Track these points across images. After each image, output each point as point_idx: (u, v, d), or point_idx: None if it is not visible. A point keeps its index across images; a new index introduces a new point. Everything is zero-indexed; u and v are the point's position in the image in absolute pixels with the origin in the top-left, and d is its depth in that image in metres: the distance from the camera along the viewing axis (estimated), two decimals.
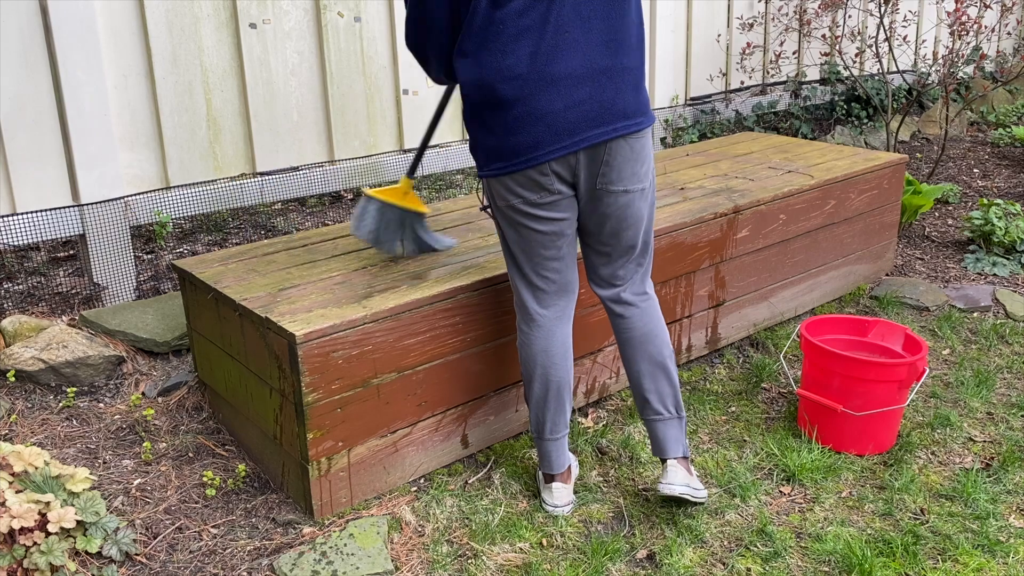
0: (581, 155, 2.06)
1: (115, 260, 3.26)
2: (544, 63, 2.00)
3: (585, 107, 2.02)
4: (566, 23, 2.00)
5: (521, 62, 2.00)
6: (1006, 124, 6.47)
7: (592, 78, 2.02)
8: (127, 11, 3.15)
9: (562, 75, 2.00)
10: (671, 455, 2.32)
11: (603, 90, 2.03)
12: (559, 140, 2.03)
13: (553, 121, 2.02)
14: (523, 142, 2.04)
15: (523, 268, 2.25)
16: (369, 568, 2.12)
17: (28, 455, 2.14)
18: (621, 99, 2.05)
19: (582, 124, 2.03)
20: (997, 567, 2.16)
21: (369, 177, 3.92)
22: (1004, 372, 3.13)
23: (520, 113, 2.03)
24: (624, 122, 2.05)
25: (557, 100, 2.01)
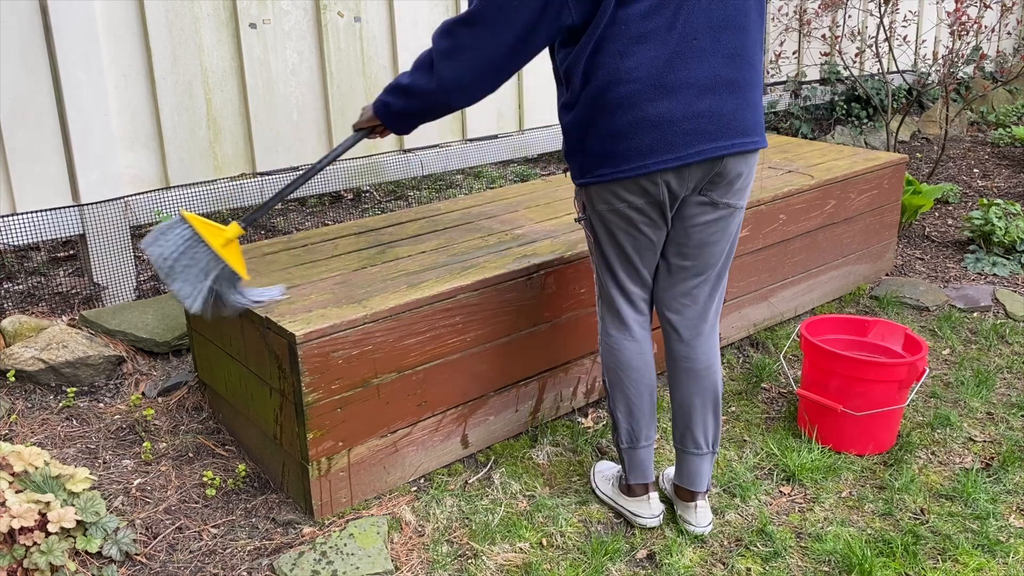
0: (695, 167, 1.99)
1: (115, 260, 3.26)
2: (666, 69, 1.91)
3: (705, 120, 1.94)
4: (695, 30, 1.91)
5: (641, 66, 1.91)
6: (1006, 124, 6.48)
7: (715, 90, 1.94)
8: (127, 11, 3.15)
9: (684, 84, 1.92)
10: (700, 489, 2.30)
11: (724, 103, 1.95)
12: (674, 151, 1.95)
13: (669, 130, 1.93)
14: (635, 149, 1.95)
15: (618, 275, 2.18)
16: (369, 568, 2.12)
17: (28, 455, 2.14)
18: (741, 115, 1.98)
19: (701, 137, 1.95)
20: (997, 567, 2.16)
21: (369, 177, 3.92)
22: (1004, 372, 3.13)
23: (634, 119, 1.94)
24: (743, 139, 1.99)
25: (676, 109, 1.92)
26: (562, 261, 2.63)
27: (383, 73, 3.86)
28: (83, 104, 3.07)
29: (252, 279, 2.52)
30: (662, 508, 2.33)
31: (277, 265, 2.63)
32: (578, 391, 2.83)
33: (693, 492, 2.30)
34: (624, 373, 2.25)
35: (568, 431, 2.74)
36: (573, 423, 2.80)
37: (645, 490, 2.32)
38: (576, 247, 2.69)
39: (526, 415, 2.72)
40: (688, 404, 2.26)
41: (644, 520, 2.30)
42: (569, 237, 2.79)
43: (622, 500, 2.36)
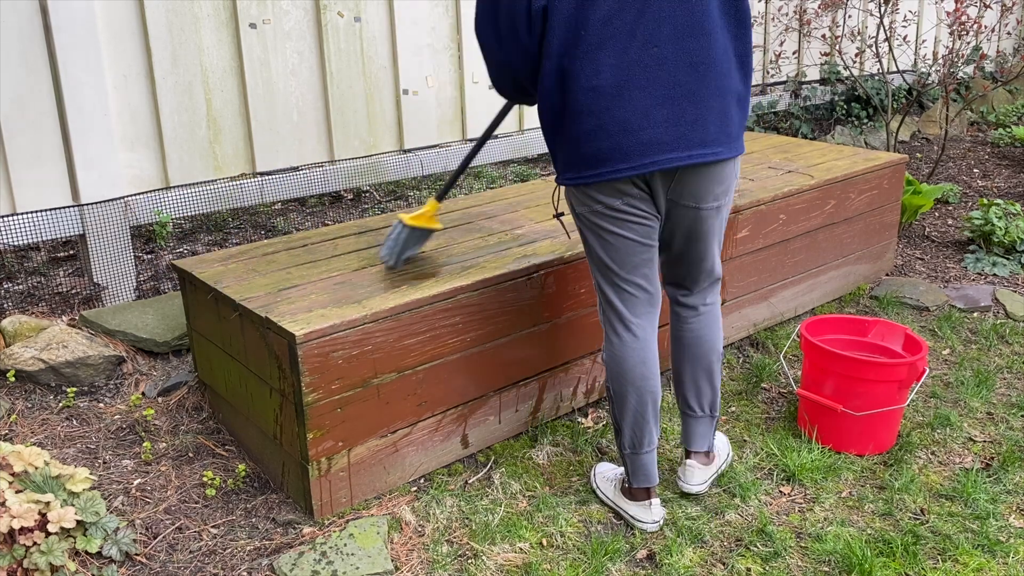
0: (656, 175, 2.01)
1: (115, 260, 3.26)
2: (625, 76, 1.90)
3: (661, 129, 1.93)
4: (656, 37, 1.89)
5: (601, 72, 1.91)
6: (1006, 124, 6.48)
7: (674, 99, 1.92)
8: (127, 11, 3.15)
9: (642, 92, 1.91)
10: (694, 448, 2.42)
11: (684, 113, 1.93)
12: (630, 160, 1.95)
13: (626, 139, 1.93)
14: (597, 155, 1.97)
15: (614, 276, 2.17)
16: (369, 568, 2.12)
17: (28, 455, 2.14)
18: (703, 124, 1.95)
19: (655, 147, 1.94)
20: (997, 567, 2.16)
21: (369, 177, 3.92)
22: (1004, 372, 3.13)
23: (595, 125, 1.94)
24: (701, 150, 1.96)
25: (633, 118, 1.92)
26: (562, 261, 2.63)
27: (383, 73, 3.86)
28: (83, 104, 3.06)
29: (252, 279, 2.52)
30: (663, 513, 2.33)
31: (277, 265, 2.63)
32: (578, 391, 2.83)
33: (688, 450, 2.42)
34: (627, 382, 2.24)
35: (568, 431, 2.74)
36: (573, 423, 2.80)
37: (647, 495, 2.32)
38: (576, 247, 2.69)
39: (526, 415, 2.72)
40: (680, 370, 2.38)
41: (644, 525, 2.31)
42: (569, 237, 2.79)
43: (623, 503, 2.36)
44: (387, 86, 3.89)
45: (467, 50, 4.11)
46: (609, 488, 2.42)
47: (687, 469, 2.41)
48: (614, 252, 2.14)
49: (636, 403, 2.25)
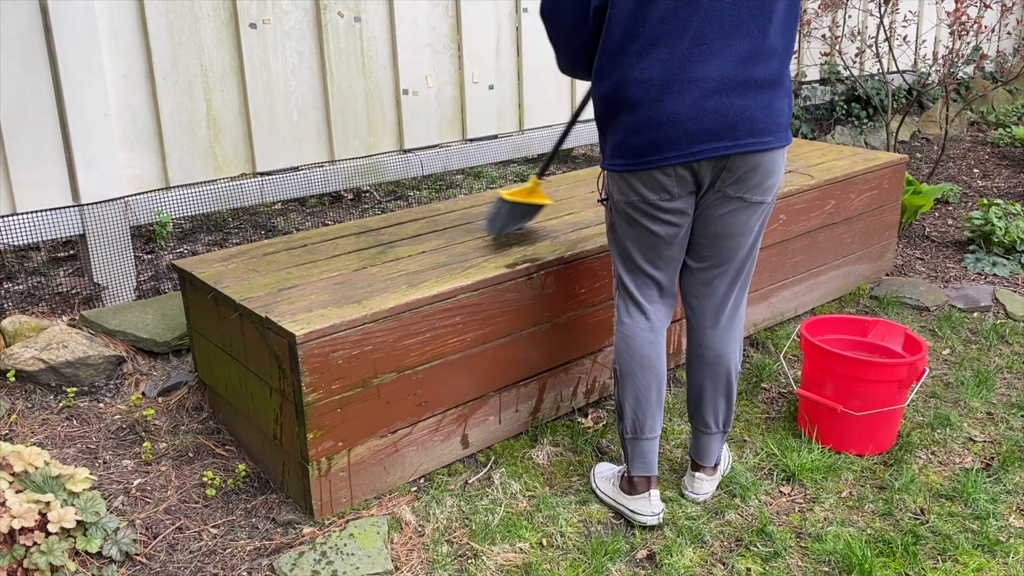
0: (703, 164, 2.06)
1: (115, 260, 3.26)
2: (676, 70, 2.00)
3: (710, 120, 2.01)
4: (706, 34, 1.99)
5: (654, 67, 2.01)
6: (1006, 124, 6.48)
7: (723, 91, 2.00)
8: (127, 11, 3.15)
9: (692, 86, 2.00)
10: (704, 463, 2.44)
11: (732, 104, 2.01)
12: (680, 147, 2.03)
13: (677, 128, 2.02)
14: (647, 144, 2.05)
15: (635, 262, 2.25)
16: (369, 568, 2.12)
17: (28, 455, 2.14)
18: (750, 115, 2.03)
19: (705, 136, 2.02)
20: (997, 567, 2.16)
21: (369, 177, 3.92)
22: (1004, 372, 3.13)
23: (647, 116, 2.04)
24: (749, 139, 2.03)
25: (684, 108, 2.01)
26: (562, 261, 2.63)
27: (383, 73, 3.86)
28: (83, 104, 3.07)
29: (252, 279, 2.52)
30: (662, 507, 2.33)
31: (277, 265, 2.63)
32: (578, 391, 2.83)
33: (698, 464, 2.44)
34: (634, 361, 2.28)
35: (568, 431, 2.74)
36: (573, 423, 2.80)
37: (647, 485, 2.32)
38: (576, 247, 2.69)
39: (526, 415, 2.72)
40: (699, 388, 2.36)
41: (644, 518, 2.30)
42: (569, 237, 2.79)
43: (622, 499, 2.36)
44: (387, 86, 3.89)
45: (467, 50, 4.11)
46: (608, 486, 2.42)
47: (695, 481, 2.43)
48: (640, 244, 2.21)
49: (641, 384, 2.28)
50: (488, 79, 4.23)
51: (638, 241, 2.21)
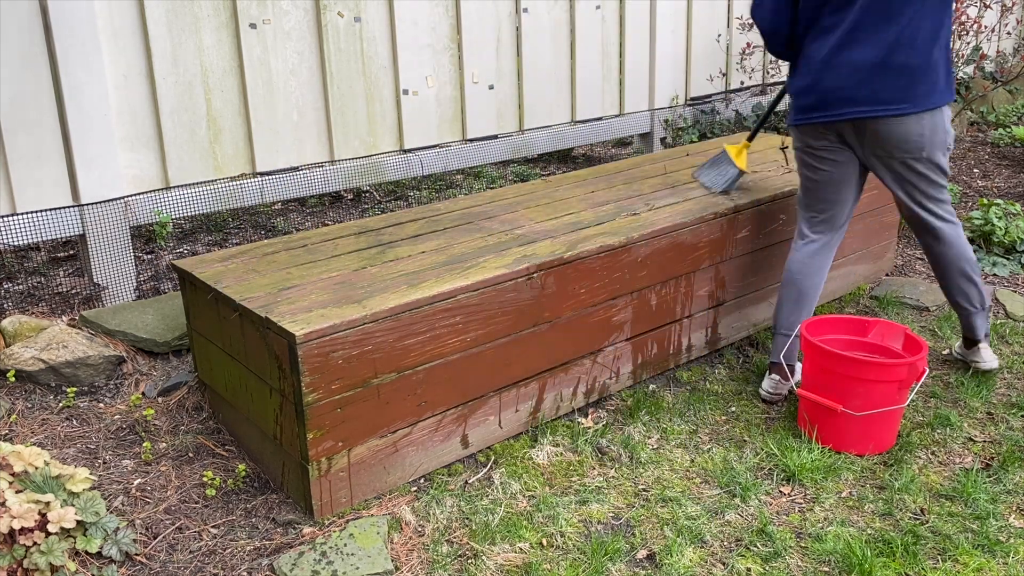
0: (850, 124, 2.72)
1: (115, 260, 3.26)
2: (836, 53, 2.66)
3: (850, 91, 2.66)
4: (861, 25, 2.62)
5: (823, 49, 2.69)
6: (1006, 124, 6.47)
7: (866, 70, 2.63)
8: (127, 11, 3.15)
9: (845, 64, 2.65)
10: (980, 337, 3.02)
11: (870, 80, 2.63)
12: (828, 109, 2.71)
13: (828, 96, 2.70)
14: (810, 105, 2.76)
15: (806, 198, 2.94)
16: (369, 568, 2.12)
17: (28, 455, 2.14)
18: (887, 89, 2.63)
19: (843, 102, 2.68)
20: (997, 567, 2.16)
21: (369, 177, 3.92)
22: (1004, 372, 3.13)
23: (808, 85, 2.74)
24: (886, 106, 2.64)
25: (832, 82, 2.68)
26: (562, 261, 2.63)
27: (383, 73, 3.86)
28: (83, 104, 3.07)
29: (252, 279, 2.52)
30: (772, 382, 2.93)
31: (277, 265, 2.63)
32: (578, 391, 2.83)
33: (974, 340, 3.04)
34: (790, 271, 2.94)
35: (568, 431, 2.74)
36: (573, 423, 2.80)
37: (771, 369, 2.94)
38: (576, 247, 2.69)
39: (526, 415, 2.72)
40: (948, 283, 2.97)
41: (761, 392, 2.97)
42: (569, 237, 2.79)
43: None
44: (387, 86, 3.89)
45: (467, 50, 4.11)
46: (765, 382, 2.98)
47: (980, 351, 3.04)
48: (808, 182, 2.91)
49: (784, 290, 2.94)
50: (488, 79, 4.23)
51: (810, 181, 2.90)
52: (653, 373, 3.06)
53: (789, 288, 2.93)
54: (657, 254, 2.89)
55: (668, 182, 3.43)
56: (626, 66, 4.85)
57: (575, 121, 4.67)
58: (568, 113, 4.63)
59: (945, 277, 2.96)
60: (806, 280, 2.91)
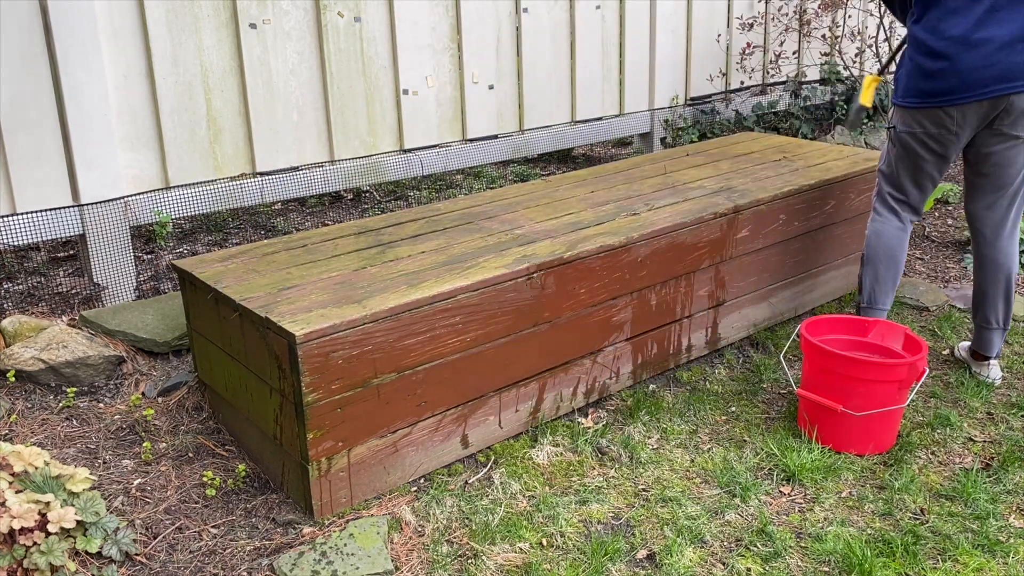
0: (985, 104, 2.68)
1: (115, 260, 3.26)
2: (972, 32, 2.64)
3: (998, 68, 2.63)
4: (998, 4, 2.62)
5: (954, 28, 2.66)
6: None
7: (1008, 46, 2.62)
8: (127, 11, 3.15)
9: (986, 42, 2.63)
10: (989, 354, 3.04)
11: (1013, 56, 2.62)
12: (971, 89, 2.66)
13: (970, 76, 2.65)
14: (941, 88, 2.70)
15: (898, 179, 2.95)
16: (369, 568, 2.12)
17: (28, 455, 2.14)
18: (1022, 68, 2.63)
19: (992, 80, 2.64)
20: (997, 567, 2.16)
21: (369, 177, 3.92)
22: (1004, 372, 3.13)
23: (944, 66, 2.68)
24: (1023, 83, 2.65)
25: (977, 60, 2.64)
26: (562, 261, 2.63)
27: (383, 73, 3.86)
28: (83, 104, 3.07)
29: (252, 279, 2.52)
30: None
31: (277, 265, 2.63)
32: (578, 391, 2.83)
33: (986, 356, 3.05)
34: (880, 245, 2.96)
35: (568, 431, 2.74)
36: (573, 423, 2.80)
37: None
38: (576, 247, 2.69)
39: (526, 415, 2.72)
40: (983, 288, 2.97)
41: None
42: (569, 237, 2.79)
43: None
44: (387, 86, 3.89)
45: (467, 50, 4.11)
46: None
47: (990, 367, 3.06)
48: (910, 165, 2.89)
49: (880, 267, 2.96)
50: (488, 79, 4.23)
51: (910, 164, 2.88)
52: (653, 373, 3.06)
53: (887, 259, 2.96)
54: (657, 254, 2.89)
55: (668, 182, 3.43)
56: (626, 66, 4.85)
57: (575, 121, 4.67)
58: (568, 113, 4.63)
59: (985, 285, 2.97)
60: (900, 254, 2.97)
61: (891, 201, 2.98)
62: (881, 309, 3.00)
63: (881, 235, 2.97)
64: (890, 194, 2.98)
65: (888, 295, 3.00)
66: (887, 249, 2.96)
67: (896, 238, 2.96)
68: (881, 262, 2.96)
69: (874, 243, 2.98)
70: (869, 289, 3.00)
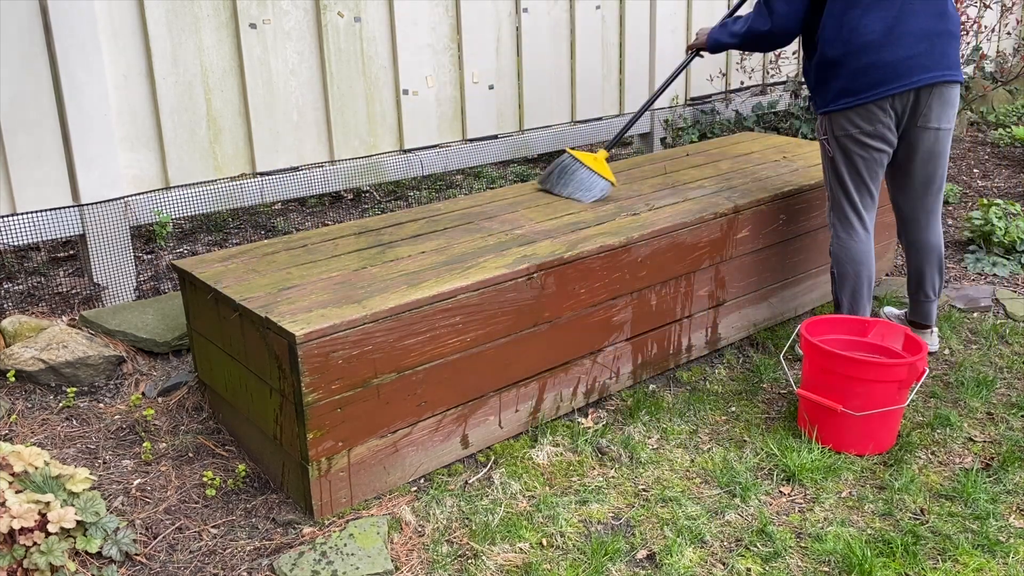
0: (912, 94, 2.76)
1: (115, 260, 3.26)
2: (893, 25, 2.72)
3: (922, 59, 2.73)
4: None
5: (876, 24, 2.73)
6: (1006, 124, 6.47)
7: (928, 38, 2.73)
8: (127, 11, 3.15)
9: (907, 34, 2.72)
10: (929, 322, 3.20)
11: (934, 46, 2.74)
12: (900, 79, 2.73)
13: (896, 67, 2.73)
14: (871, 82, 2.76)
15: (849, 188, 2.94)
16: (369, 568, 2.12)
17: (28, 455, 2.14)
18: (946, 55, 2.76)
19: (918, 69, 2.73)
20: (997, 567, 2.16)
21: (369, 177, 3.92)
22: (1004, 372, 3.13)
23: (870, 61, 2.74)
24: (948, 71, 2.76)
25: (901, 52, 2.72)
26: (562, 261, 2.63)
27: (383, 73, 3.86)
28: (83, 104, 3.07)
29: (252, 279, 2.52)
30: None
31: (277, 265, 2.63)
32: (578, 391, 2.83)
33: (927, 324, 3.20)
34: (851, 265, 2.96)
35: (568, 431, 2.74)
36: (573, 423, 2.80)
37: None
38: (576, 247, 2.69)
39: (526, 415, 2.72)
40: (919, 268, 3.12)
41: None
42: (569, 237, 2.79)
43: None
44: (387, 86, 3.89)
45: (467, 50, 4.11)
46: None
47: (932, 335, 3.21)
48: (856, 169, 2.90)
49: (855, 281, 2.97)
50: (488, 79, 4.23)
51: (856, 169, 2.89)
52: (653, 373, 3.06)
53: (861, 277, 2.97)
54: (657, 254, 2.89)
55: (668, 182, 3.43)
56: (626, 66, 4.85)
57: (575, 121, 4.67)
58: (568, 113, 4.63)
59: (923, 265, 3.09)
60: (870, 263, 2.99)
61: (848, 213, 2.96)
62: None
63: (848, 248, 2.96)
64: (846, 204, 2.96)
65: (868, 306, 3.02)
66: (856, 264, 2.96)
67: (863, 251, 2.96)
68: (854, 277, 2.97)
69: (843, 260, 2.97)
70: (848, 307, 3.00)
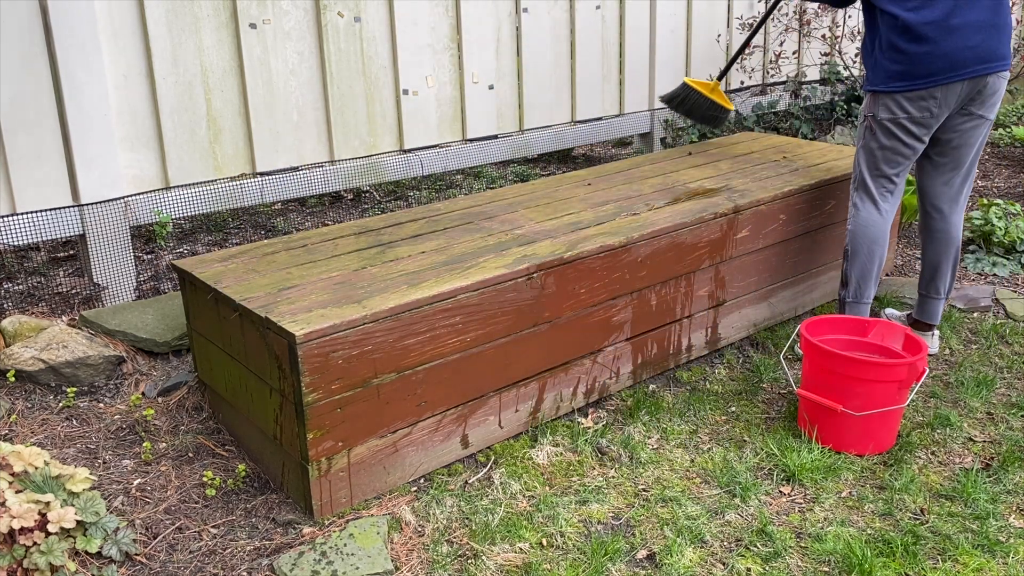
0: (964, 84, 2.83)
1: (115, 260, 3.26)
2: (951, 17, 2.78)
3: (978, 50, 2.80)
4: None
5: (935, 13, 2.79)
6: (1006, 124, 6.47)
7: (984, 29, 2.80)
8: (127, 11, 3.15)
9: (963, 26, 2.78)
10: (933, 322, 3.22)
11: (989, 38, 2.81)
12: (955, 70, 2.80)
13: (952, 57, 2.79)
14: (927, 71, 2.81)
15: (880, 168, 3.00)
16: (369, 568, 2.12)
17: (28, 455, 2.14)
18: (1001, 47, 2.84)
19: (973, 61, 2.80)
20: (997, 567, 2.16)
21: (369, 177, 3.92)
22: (1004, 372, 3.13)
23: (928, 50, 2.80)
24: (1001, 63, 2.85)
25: (958, 42, 2.78)
26: (562, 261, 2.63)
27: (383, 73, 3.86)
28: (83, 104, 3.07)
29: (252, 279, 2.52)
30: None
31: (277, 265, 2.63)
32: (578, 391, 2.83)
33: (930, 324, 3.23)
34: (865, 241, 3.01)
35: (568, 431, 2.74)
36: (573, 423, 2.80)
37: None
38: (576, 247, 2.69)
39: (526, 415, 2.72)
40: (936, 262, 3.13)
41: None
42: (569, 237, 2.79)
43: None
44: (387, 86, 3.89)
45: (467, 50, 4.11)
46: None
47: (934, 337, 3.23)
48: (891, 152, 2.95)
49: (867, 260, 3.01)
50: (488, 79, 4.23)
51: (891, 152, 2.95)
52: (653, 373, 3.06)
53: (872, 254, 3.00)
54: (657, 254, 2.89)
55: (668, 182, 3.43)
56: (626, 66, 4.85)
57: (575, 121, 4.67)
58: (568, 113, 4.63)
59: (939, 259, 3.11)
60: (884, 245, 3.02)
61: (874, 192, 3.01)
62: (866, 303, 3.05)
63: (867, 227, 3.01)
64: (872, 184, 3.01)
65: (874, 288, 3.06)
66: (871, 242, 3.00)
67: (879, 231, 3.00)
68: (867, 255, 3.01)
69: (859, 236, 3.02)
70: (856, 284, 3.04)
